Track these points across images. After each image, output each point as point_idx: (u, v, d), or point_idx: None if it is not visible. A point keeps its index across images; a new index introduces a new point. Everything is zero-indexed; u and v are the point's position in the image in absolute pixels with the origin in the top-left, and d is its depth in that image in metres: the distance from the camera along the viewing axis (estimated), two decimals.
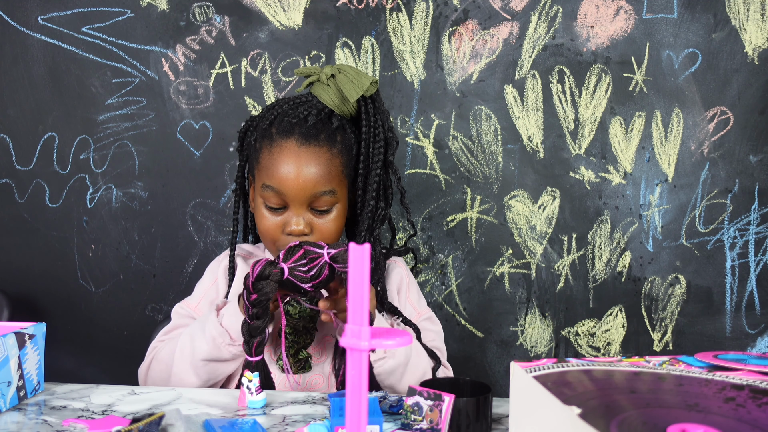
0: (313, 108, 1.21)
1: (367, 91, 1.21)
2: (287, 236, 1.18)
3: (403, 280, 1.32)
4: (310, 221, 1.19)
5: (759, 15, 1.60)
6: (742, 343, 1.65)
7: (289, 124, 1.19)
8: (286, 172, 1.17)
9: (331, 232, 1.20)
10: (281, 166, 1.17)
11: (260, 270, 1.02)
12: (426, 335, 1.27)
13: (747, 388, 0.71)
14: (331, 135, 1.20)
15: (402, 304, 1.30)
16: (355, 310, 0.58)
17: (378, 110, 1.24)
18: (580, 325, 1.68)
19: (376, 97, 1.24)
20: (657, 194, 1.65)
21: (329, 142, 1.19)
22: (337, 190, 1.20)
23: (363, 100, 1.22)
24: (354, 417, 0.58)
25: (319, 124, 1.20)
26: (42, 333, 1.06)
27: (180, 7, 1.66)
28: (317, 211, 1.19)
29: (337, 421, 0.84)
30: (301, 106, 1.22)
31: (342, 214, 1.22)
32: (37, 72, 1.69)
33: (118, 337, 1.70)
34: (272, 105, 1.26)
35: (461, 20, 1.64)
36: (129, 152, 1.70)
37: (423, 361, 1.19)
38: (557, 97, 1.64)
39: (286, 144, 1.18)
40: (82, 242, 1.71)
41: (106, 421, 0.92)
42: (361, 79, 1.20)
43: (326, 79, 1.22)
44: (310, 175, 1.17)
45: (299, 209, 1.18)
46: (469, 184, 1.67)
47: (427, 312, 1.32)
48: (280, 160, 1.18)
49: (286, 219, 1.19)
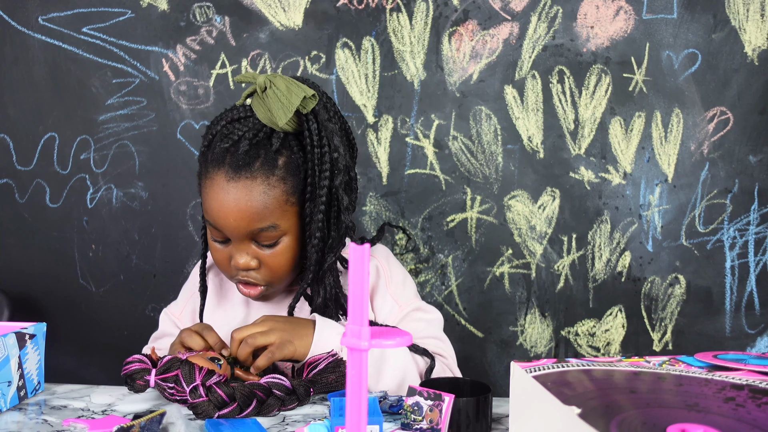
0: (250, 128, 1.07)
1: (303, 107, 1.06)
2: (237, 269, 1.11)
3: (381, 273, 1.20)
4: (255, 255, 1.09)
5: (759, 15, 1.60)
6: (741, 343, 1.65)
7: (221, 152, 1.06)
8: (217, 209, 1.06)
9: (281, 265, 1.10)
10: (212, 203, 1.07)
11: (131, 370, 0.99)
12: (415, 326, 1.17)
13: (747, 388, 0.71)
14: (269, 160, 1.06)
15: (380, 302, 1.19)
16: (355, 310, 0.58)
17: (322, 127, 1.07)
18: (580, 325, 1.68)
19: (319, 111, 1.07)
20: (657, 194, 1.65)
21: (266, 169, 1.05)
22: (280, 222, 1.07)
23: (304, 117, 1.07)
24: (354, 417, 0.58)
25: (253, 150, 1.05)
26: (42, 333, 1.06)
27: (180, 8, 1.66)
28: (262, 245, 1.09)
29: (337, 421, 0.85)
30: (235, 125, 1.08)
31: (292, 245, 1.10)
32: (37, 72, 1.69)
33: (118, 337, 1.70)
34: (215, 119, 1.12)
35: (461, 20, 1.64)
36: (129, 152, 1.70)
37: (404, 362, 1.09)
38: (557, 98, 1.64)
39: (216, 177, 1.06)
40: (82, 242, 1.71)
41: (106, 420, 0.92)
42: (291, 97, 1.04)
43: (261, 92, 1.06)
44: (241, 213, 1.05)
45: (241, 245, 1.08)
46: (469, 184, 1.67)
47: (413, 303, 1.20)
48: (211, 195, 1.07)
49: (232, 252, 1.10)
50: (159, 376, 0.97)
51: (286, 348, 1.03)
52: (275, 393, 0.97)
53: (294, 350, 1.04)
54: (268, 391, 0.96)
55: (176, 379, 0.96)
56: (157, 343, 1.27)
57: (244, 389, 0.95)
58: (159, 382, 0.97)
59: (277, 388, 0.97)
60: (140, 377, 0.98)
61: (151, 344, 1.27)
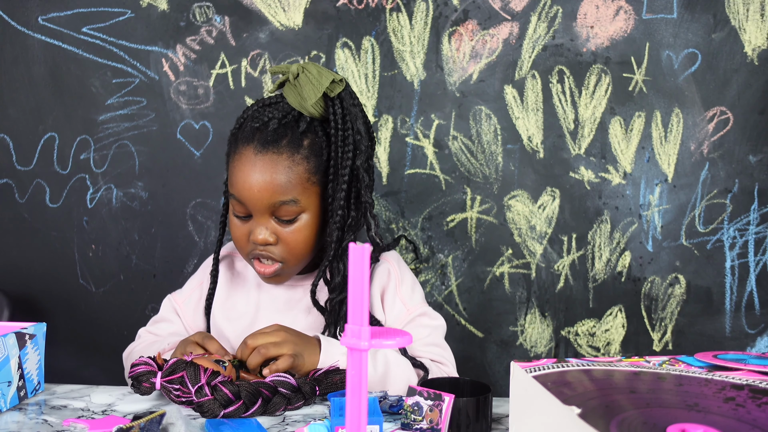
0: (279, 111, 1.15)
1: (331, 90, 1.14)
2: (255, 244, 1.15)
3: (391, 275, 1.24)
4: (275, 230, 1.14)
5: (759, 15, 1.60)
6: (741, 343, 1.65)
7: (251, 130, 1.14)
8: (243, 180, 1.12)
9: (298, 242, 1.15)
10: (239, 175, 1.13)
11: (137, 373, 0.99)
12: (420, 332, 1.20)
13: (747, 388, 0.71)
14: (295, 140, 1.13)
15: (390, 303, 1.23)
16: (355, 310, 0.58)
17: (347, 111, 1.16)
18: (580, 325, 1.68)
19: (345, 96, 1.16)
20: (657, 194, 1.65)
21: (291, 147, 1.13)
22: (301, 198, 1.13)
23: (330, 101, 1.15)
24: (354, 417, 0.58)
25: (281, 129, 1.13)
26: (42, 333, 1.06)
27: (180, 8, 1.66)
28: (282, 221, 1.14)
29: (337, 421, 0.85)
30: (267, 109, 1.16)
31: (311, 223, 1.15)
32: (37, 72, 1.69)
33: (118, 337, 1.70)
34: (248, 107, 1.21)
35: (461, 20, 1.64)
36: (129, 152, 1.70)
37: (405, 372, 1.12)
38: (557, 97, 1.64)
39: (245, 151, 1.13)
40: (82, 242, 1.71)
41: (106, 420, 0.92)
42: (321, 79, 1.13)
43: (293, 78, 1.15)
44: (266, 185, 1.11)
45: (261, 219, 1.13)
46: (469, 184, 1.67)
47: (420, 308, 1.24)
48: (239, 168, 1.13)
49: (252, 227, 1.14)
50: (165, 378, 0.97)
51: (296, 361, 1.05)
52: (281, 391, 0.97)
53: (303, 363, 1.06)
54: (273, 390, 0.97)
55: (182, 380, 0.96)
56: (153, 327, 1.28)
57: (249, 387, 0.95)
58: (165, 384, 0.97)
59: (283, 386, 0.97)
60: (146, 379, 0.98)
61: (149, 327, 1.29)
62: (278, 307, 1.23)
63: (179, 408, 0.95)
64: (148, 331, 1.28)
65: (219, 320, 1.25)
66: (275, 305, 1.24)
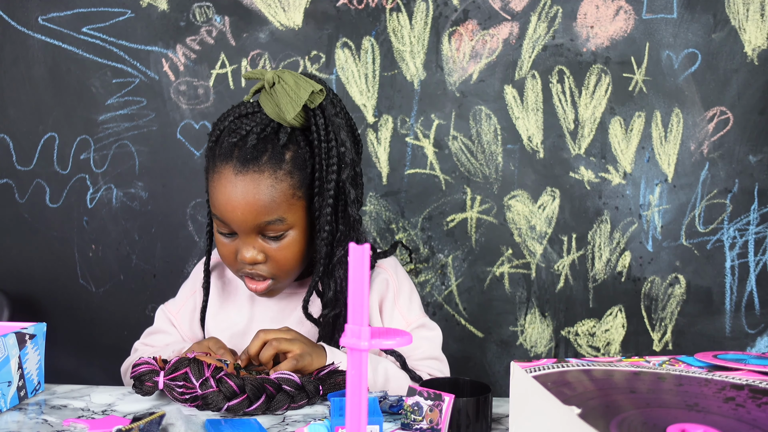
0: (257, 123, 1.08)
1: (311, 102, 1.07)
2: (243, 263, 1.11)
3: (390, 286, 1.21)
4: (262, 249, 1.09)
5: (759, 15, 1.60)
6: (741, 343, 1.65)
7: (228, 146, 1.07)
8: (225, 202, 1.07)
9: (288, 259, 1.11)
10: (220, 197, 1.07)
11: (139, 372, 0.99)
12: (418, 344, 1.18)
13: (747, 388, 0.71)
14: (276, 154, 1.07)
15: (388, 316, 1.20)
16: (355, 310, 0.58)
17: (329, 122, 1.08)
18: (580, 325, 1.68)
19: (326, 106, 1.09)
20: (657, 194, 1.65)
21: (273, 163, 1.06)
22: (287, 216, 1.08)
23: (311, 111, 1.08)
24: (354, 417, 0.58)
25: (260, 144, 1.06)
26: (42, 333, 1.06)
27: (180, 8, 1.66)
28: (269, 238, 1.09)
29: (337, 421, 0.85)
30: (243, 120, 1.09)
31: (298, 239, 1.11)
32: (37, 72, 1.69)
33: (118, 337, 1.70)
34: (222, 116, 1.13)
35: (461, 20, 1.64)
36: (129, 152, 1.70)
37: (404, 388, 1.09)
38: (557, 97, 1.64)
39: (224, 171, 1.07)
40: (82, 242, 1.71)
41: (106, 420, 0.92)
42: (299, 91, 1.06)
43: (269, 87, 1.07)
44: (249, 206, 1.05)
45: (247, 238, 1.09)
46: (469, 184, 1.67)
47: (419, 319, 1.21)
48: (219, 189, 1.07)
49: (238, 246, 1.10)
50: (168, 376, 0.97)
51: (305, 359, 1.04)
52: (285, 389, 0.97)
53: (311, 362, 1.05)
54: (278, 387, 0.97)
55: (185, 376, 0.96)
56: (149, 339, 1.26)
57: (254, 382, 0.95)
58: (168, 383, 0.97)
59: (288, 384, 0.97)
60: (149, 379, 0.98)
61: (144, 339, 1.27)
62: (271, 317, 1.22)
63: (179, 408, 0.95)
64: (143, 344, 1.26)
65: (213, 332, 1.23)
66: (268, 314, 1.21)
